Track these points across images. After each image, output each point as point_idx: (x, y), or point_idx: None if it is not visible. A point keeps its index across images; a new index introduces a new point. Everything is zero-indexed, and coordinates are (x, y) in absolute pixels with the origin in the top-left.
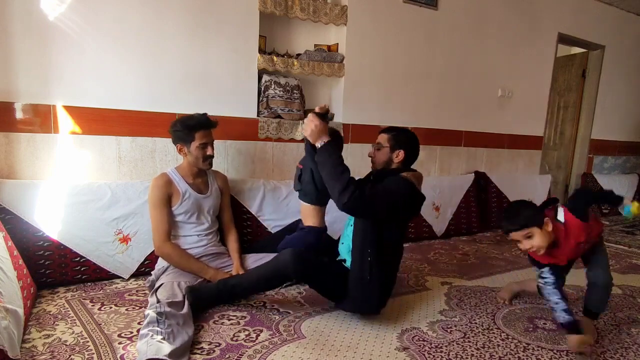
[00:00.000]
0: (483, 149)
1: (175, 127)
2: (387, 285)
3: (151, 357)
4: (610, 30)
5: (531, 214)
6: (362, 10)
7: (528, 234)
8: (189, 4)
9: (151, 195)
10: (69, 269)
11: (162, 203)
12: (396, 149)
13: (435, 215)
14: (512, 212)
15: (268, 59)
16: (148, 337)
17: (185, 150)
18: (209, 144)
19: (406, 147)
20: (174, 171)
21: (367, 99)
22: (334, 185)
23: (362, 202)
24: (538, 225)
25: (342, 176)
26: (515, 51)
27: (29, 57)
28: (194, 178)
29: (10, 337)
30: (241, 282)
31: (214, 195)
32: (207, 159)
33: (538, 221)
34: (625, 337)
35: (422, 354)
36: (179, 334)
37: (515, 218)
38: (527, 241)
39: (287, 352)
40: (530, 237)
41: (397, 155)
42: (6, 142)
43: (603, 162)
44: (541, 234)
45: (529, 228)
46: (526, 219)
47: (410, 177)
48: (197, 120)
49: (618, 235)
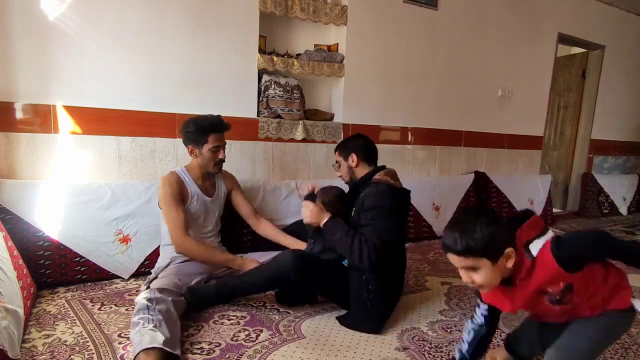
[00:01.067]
0: (483, 149)
1: (188, 128)
2: (387, 303)
3: (147, 347)
4: (610, 30)
5: (491, 238)
6: (362, 10)
7: (473, 265)
8: (189, 4)
9: (164, 194)
10: (69, 269)
11: (176, 199)
12: (347, 156)
13: (435, 215)
14: (465, 225)
15: (268, 59)
16: (139, 326)
17: (197, 152)
18: (222, 148)
19: (355, 149)
20: (183, 171)
21: (367, 99)
22: (350, 257)
23: (380, 255)
24: (492, 258)
25: (353, 245)
26: (515, 51)
27: (29, 57)
28: (203, 180)
29: (10, 337)
30: (241, 283)
31: (220, 199)
32: (218, 163)
33: (495, 252)
34: (625, 337)
35: (422, 354)
36: (170, 320)
37: (466, 236)
38: (468, 273)
39: (287, 352)
40: (475, 269)
41: (352, 160)
42: (6, 142)
43: (603, 162)
44: (491, 271)
45: (477, 258)
46: (480, 244)
47: (383, 178)
48: (211, 122)
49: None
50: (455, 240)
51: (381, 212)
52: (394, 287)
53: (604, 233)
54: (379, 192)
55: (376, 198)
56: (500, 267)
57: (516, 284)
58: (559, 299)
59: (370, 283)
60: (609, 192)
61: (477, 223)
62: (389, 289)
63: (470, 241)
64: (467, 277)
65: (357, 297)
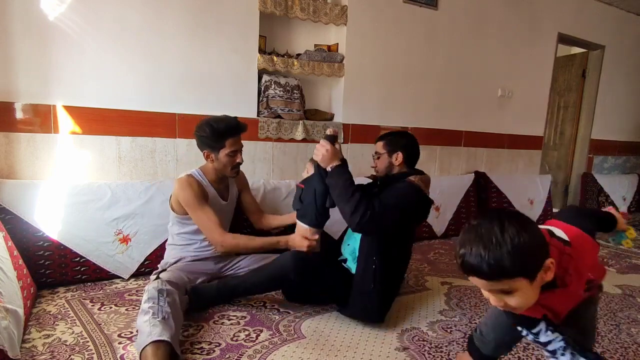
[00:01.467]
0: (483, 149)
1: (203, 132)
2: (390, 294)
3: (156, 339)
4: (610, 30)
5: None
6: (362, 10)
7: (507, 289)
8: (189, 4)
9: (189, 196)
10: (69, 269)
11: (202, 200)
12: (393, 152)
13: (435, 215)
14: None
15: (268, 59)
16: (149, 316)
17: (213, 157)
18: (239, 151)
19: (403, 148)
20: (200, 173)
21: (367, 99)
22: (344, 207)
23: (373, 222)
24: (529, 277)
25: (353, 198)
26: (515, 51)
27: (29, 57)
28: (218, 184)
29: (10, 337)
30: (241, 284)
31: (233, 202)
32: (236, 167)
33: (534, 268)
34: (625, 337)
35: (422, 354)
36: (176, 316)
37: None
38: (499, 296)
39: (287, 352)
40: (508, 292)
41: (396, 158)
42: (6, 142)
43: (603, 162)
44: (529, 290)
45: (512, 280)
46: (515, 262)
47: (417, 181)
48: (228, 125)
49: None
50: (480, 259)
51: (398, 206)
52: (396, 280)
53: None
54: (406, 191)
55: (401, 191)
56: (539, 283)
57: (567, 283)
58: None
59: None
60: (609, 192)
61: (505, 232)
62: (392, 281)
63: (502, 260)
64: (499, 301)
65: (361, 285)
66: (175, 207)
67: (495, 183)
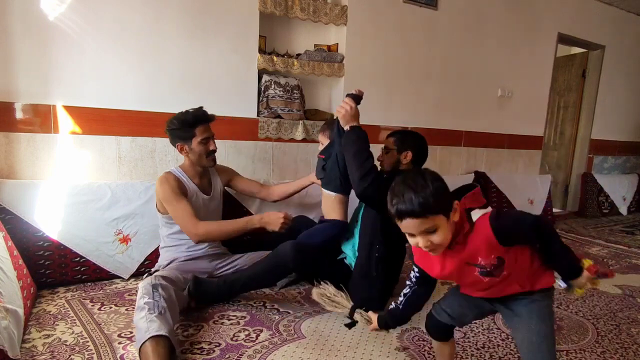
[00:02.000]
0: (483, 149)
1: (173, 126)
2: (390, 282)
3: (154, 334)
4: (610, 30)
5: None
6: (362, 10)
7: (432, 226)
8: (189, 4)
9: (164, 190)
10: (69, 269)
11: (179, 193)
12: (403, 150)
13: None
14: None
15: (268, 59)
16: (145, 312)
17: (187, 148)
18: (211, 138)
19: (413, 147)
20: (179, 170)
21: (367, 99)
22: (356, 170)
23: (379, 192)
24: (447, 213)
25: (366, 162)
26: (515, 51)
27: (29, 57)
28: (199, 178)
29: (10, 337)
30: (241, 277)
31: (217, 196)
32: (211, 154)
33: (448, 205)
34: (625, 337)
35: (422, 354)
36: (172, 309)
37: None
38: (426, 237)
39: (287, 352)
40: (433, 231)
41: (405, 157)
42: (6, 142)
43: (603, 162)
44: (446, 227)
45: (435, 216)
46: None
47: None
48: (195, 115)
49: (618, 235)
50: (412, 201)
51: None
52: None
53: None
54: None
55: None
56: (451, 223)
57: (452, 247)
58: (490, 271)
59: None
60: (609, 192)
61: (425, 179)
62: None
63: (428, 198)
64: (426, 241)
65: (362, 278)
66: (159, 207)
67: (495, 183)
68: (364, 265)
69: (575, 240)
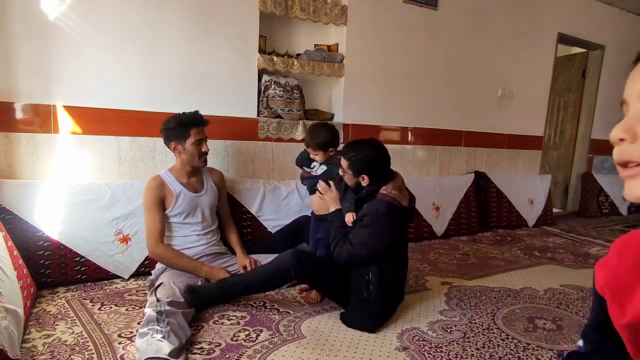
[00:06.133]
0: (483, 149)
1: (169, 125)
2: (387, 305)
3: (151, 355)
4: (610, 30)
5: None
6: (362, 10)
7: None
8: (189, 4)
9: (145, 197)
10: (69, 269)
11: (155, 205)
12: (360, 174)
13: (435, 215)
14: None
15: (268, 59)
16: (148, 336)
17: (180, 148)
18: (204, 140)
19: (368, 171)
20: (167, 173)
21: (367, 99)
22: (333, 245)
23: (355, 259)
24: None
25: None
26: (515, 51)
27: (29, 57)
28: (188, 177)
29: (10, 337)
30: (241, 282)
31: (210, 193)
32: (203, 156)
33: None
34: None
35: (422, 354)
36: (178, 332)
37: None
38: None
39: (287, 352)
40: None
41: (363, 180)
42: (6, 142)
43: (603, 162)
44: None
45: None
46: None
47: (390, 191)
48: (191, 117)
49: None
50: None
51: (373, 232)
52: (395, 290)
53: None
54: (378, 213)
55: (374, 219)
56: None
57: None
58: None
59: (372, 284)
60: (609, 192)
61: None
62: (389, 292)
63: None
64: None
65: (357, 296)
66: None
67: (495, 183)
68: (356, 285)
69: (575, 240)
